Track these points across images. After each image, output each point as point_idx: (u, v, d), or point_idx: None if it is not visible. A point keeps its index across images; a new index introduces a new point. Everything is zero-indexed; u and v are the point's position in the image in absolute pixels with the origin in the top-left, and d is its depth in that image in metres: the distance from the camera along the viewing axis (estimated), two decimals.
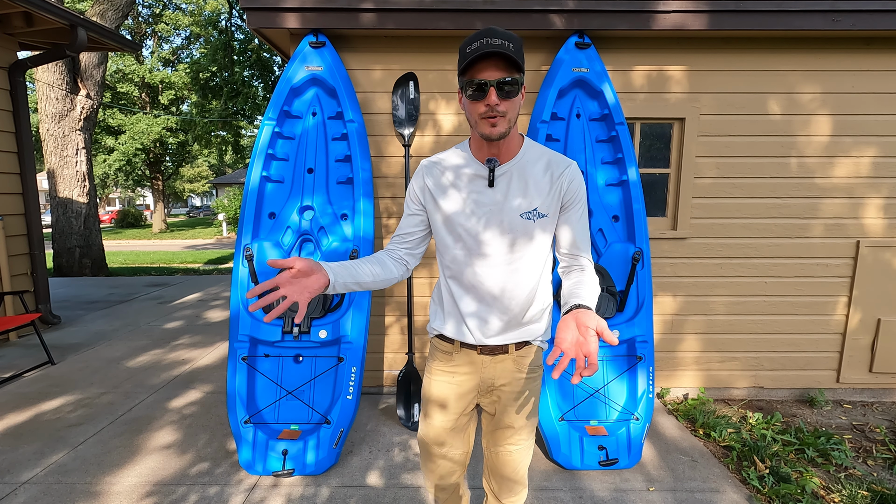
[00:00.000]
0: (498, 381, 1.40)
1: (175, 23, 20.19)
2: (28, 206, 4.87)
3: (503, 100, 1.16)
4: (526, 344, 1.39)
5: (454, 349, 1.41)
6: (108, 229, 24.09)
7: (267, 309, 2.45)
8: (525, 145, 1.32)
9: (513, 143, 1.29)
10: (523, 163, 1.29)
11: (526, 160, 1.30)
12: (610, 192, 2.93)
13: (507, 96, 1.16)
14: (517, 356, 1.39)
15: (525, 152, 1.31)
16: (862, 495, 2.31)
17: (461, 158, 1.34)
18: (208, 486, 2.37)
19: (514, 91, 1.17)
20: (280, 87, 2.83)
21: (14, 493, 2.31)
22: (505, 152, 1.28)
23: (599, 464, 2.50)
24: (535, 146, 1.33)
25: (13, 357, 4.20)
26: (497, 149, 1.26)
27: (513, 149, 1.29)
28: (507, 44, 1.13)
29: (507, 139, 1.25)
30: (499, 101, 1.15)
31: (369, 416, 3.11)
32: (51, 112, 7.73)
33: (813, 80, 3.11)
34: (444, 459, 1.52)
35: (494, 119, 1.18)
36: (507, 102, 1.17)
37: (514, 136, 1.29)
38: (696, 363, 3.42)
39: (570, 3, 2.83)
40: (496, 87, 1.14)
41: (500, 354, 1.38)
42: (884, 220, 3.23)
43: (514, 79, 1.15)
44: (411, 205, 1.40)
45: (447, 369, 1.43)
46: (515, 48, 1.14)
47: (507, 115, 1.18)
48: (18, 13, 4.47)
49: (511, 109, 1.19)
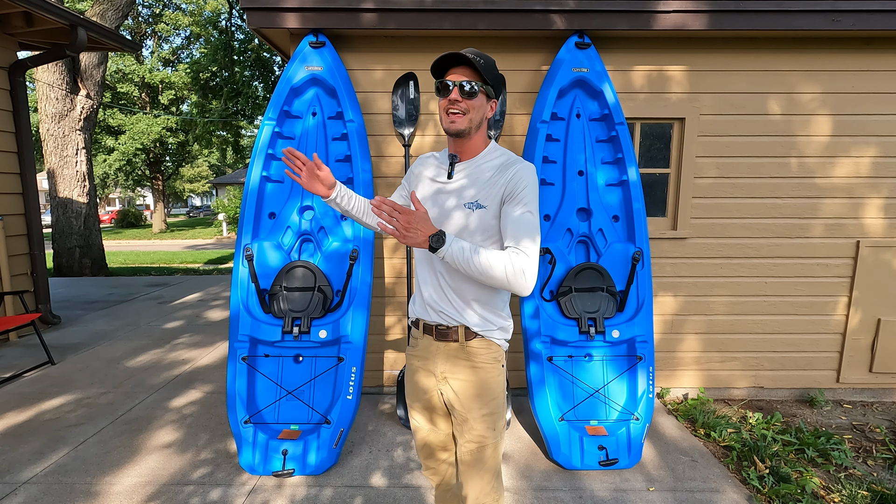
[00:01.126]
0: (449, 370, 1.45)
1: (175, 23, 20.18)
2: (28, 206, 4.88)
3: (464, 98, 1.32)
4: (476, 336, 1.43)
5: (419, 334, 1.53)
6: (108, 229, 24.10)
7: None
8: (489, 148, 1.45)
9: (476, 144, 1.42)
10: (481, 162, 1.42)
11: (485, 160, 1.42)
12: (610, 192, 2.93)
13: (469, 97, 1.32)
14: (468, 347, 1.43)
15: (487, 153, 1.43)
16: (862, 495, 2.31)
17: (442, 158, 1.51)
18: (208, 486, 2.37)
19: (475, 93, 1.33)
20: (280, 87, 2.83)
21: (14, 493, 2.31)
22: (467, 151, 1.42)
23: (599, 464, 2.49)
24: (498, 150, 1.45)
25: (13, 357, 4.20)
26: (461, 146, 1.41)
27: (476, 149, 1.43)
28: (478, 59, 1.31)
29: (470, 140, 1.40)
30: (459, 97, 1.32)
31: (369, 417, 3.11)
32: (51, 112, 7.73)
33: (813, 79, 3.11)
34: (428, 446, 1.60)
35: (455, 115, 1.33)
36: (468, 102, 1.33)
37: (479, 139, 1.42)
38: (696, 363, 3.42)
39: (571, 3, 2.83)
40: (458, 87, 1.32)
41: (452, 343, 1.44)
42: (884, 220, 3.23)
43: (475, 84, 1.32)
44: (403, 183, 1.63)
45: (414, 353, 1.55)
46: (486, 63, 1.32)
47: (468, 115, 1.33)
48: (18, 13, 4.47)
49: (473, 110, 1.34)
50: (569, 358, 2.73)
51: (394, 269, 3.31)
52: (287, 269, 2.72)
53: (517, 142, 3.16)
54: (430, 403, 1.53)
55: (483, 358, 1.44)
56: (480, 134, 1.42)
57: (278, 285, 2.70)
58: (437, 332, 1.46)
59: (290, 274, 2.72)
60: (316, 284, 2.71)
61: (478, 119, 1.36)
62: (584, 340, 2.70)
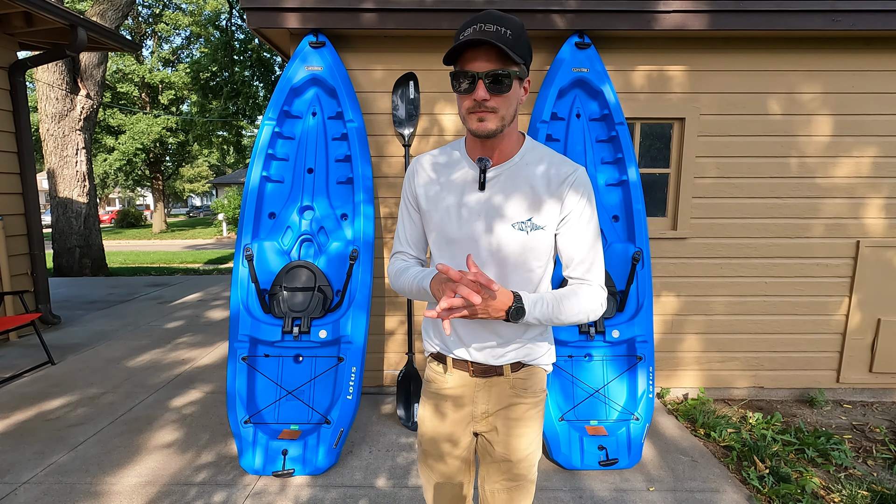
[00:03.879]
0: (493, 406, 1.24)
1: (175, 23, 20.19)
2: (28, 206, 4.87)
3: (494, 95, 1.02)
4: (523, 366, 1.23)
5: (447, 368, 1.26)
6: (108, 229, 24.09)
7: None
8: (525, 146, 1.17)
9: (510, 142, 1.14)
10: (520, 165, 1.14)
11: (524, 163, 1.14)
12: (610, 192, 2.93)
13: (499, 91, 1.02)
14: (514, 378, 1.22)
15: (524, 154, 1.15)
16: (862, 495, 2.31)
17: (453, 157, 1.20)
18: (208, 486, 2.37)
19: (507, 86, 1.02)
20: (280, 87, 2.82)
21: (14, 493, 2.31)
22: (500, 152, 1.13)
23: (599, 464, 2.50)
24: (537, 147, 1.18)
25: (13, 357, 4.20)
26: (490, 148, 1.12)
27: (510, 149, 1.14)
28: (503, 30, 0.99)
29: (502, 138, 1.11)
30: (488, 95, 1.02)
31: (369, 417, 3.11)
32: (51, 112, 7.73)
33: (813, 79, 3.11)
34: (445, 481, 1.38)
35: (483, 113, 1.05)
36: (499, 98, 1.03)
37: (512, 136, 1.14)
38: (696, 363, 3.42)
39: (571, 3, 2.83)
40: (485, 80, 1.01)
41: (495, 376, 1.22)
42: (884, 220, 3.23)
43: (506, 71, 1.01)
44: (411, 210, 1.27)
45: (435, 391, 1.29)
46: (514, 35, 1.00)
47: (498, 112, 1.05)
48: (18, 13, 4.47)
49: (503, 106, 1.04)
50: (569, 358, 2.73)
51: None
52: (287, 269, 2.72)
53: None
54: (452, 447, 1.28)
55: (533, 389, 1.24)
56: (513, 128, 1.13)
57: (278, 285, 2.70)
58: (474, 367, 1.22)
59: (291, 274, 2.72)
60: (316, 284, 2.71)
61: (511, 112, 1.07)
62: (584, 340, 2.70)
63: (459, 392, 1.26)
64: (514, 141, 1.15)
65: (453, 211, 1.16)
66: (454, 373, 1.26)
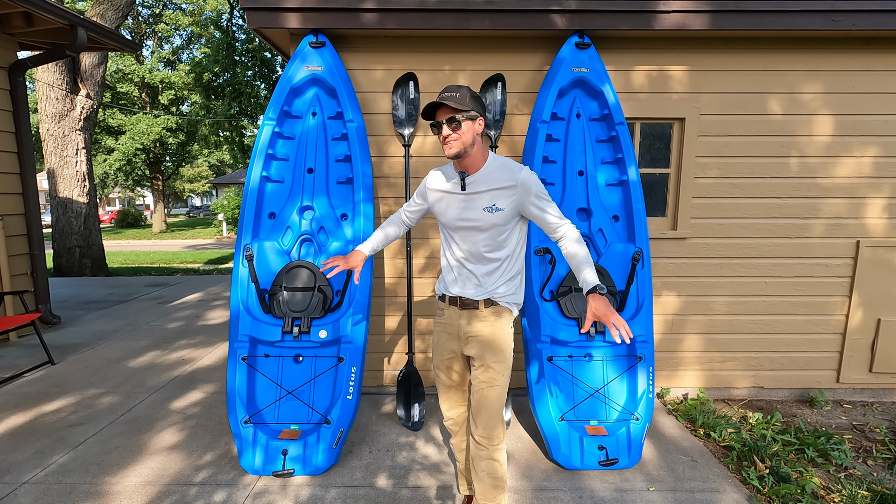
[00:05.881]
0: (472, 330, 1.85)
1: (175, 23, 20.19)
2: (28, 206, 4.88)
3: (453, 130, 1.69)
4: (493, 303, 1.83)
5: (444, 305, 1.94)
6: (108, 229, 24.09)
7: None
8: (489, 160, 1.79)
9: (476, 159, 1.77)
10: (486, 172, 1.78)
11: (489, 171, 1.78)
12: (610, 192, 2.93)
13: (455, 129, 1.69)
14: (486, 311, 1.84)
15: (488, 165, 1.79)
16: (862, 495, 2.31)
17: (447, 171, 1.90)
18: (208, 486, 2.37)
19: (459, 124, 1.68)
20: (280, 87, 2.82)
21: (14, 493, 2.31)
22: (470, 166, 1.77)
23: (599, 464, 2.49)
24: (497, 159, 1.80)
25: (13, 357, 4.20)
26: (465, 164, 1.77)
27: (478, 163, 1.78)
28: (453, 94, 1.67)
29: (470, 157, 1.75)
30: (450, 131, 1.69)
31: (369, 417, 3.11)
32: (51, 112, 7.73)
33: (813, 79, 3.11)
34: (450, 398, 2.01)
35: (448, 143, 1.70)
36: (457, 132, 1.69)
37: (478, 154, 1.77)
38: (697, 363, 3.42)
39: (571, 3, 2.83)
40: (446, 123, 1.69)
41: (473, 309, 1.85)
42: (884, 220, 3.23)
43: (457, 118, 1.67)
44: (417, 197, 2.04)
45: (440, 321, 1.96)
46: (460, 96, 1.67)
47: (460, 139, 1.69)
48: (18, 13, 4.47)
49: (463, 135, 1.69)
50: (569, 358, 2.73)
51: (394, 270, 3.31)
52: (287, 269, 2.72)
53: (517, 142, 3.16)
54: (451, 362, 1.95)
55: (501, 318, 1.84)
56: (477, 149, 1.76)
57: (278, 285, 2.70)
58: (461, 302, 1.86)
59: (291, 274, 2.72)
60: (316, 284, 2.71)
61: (469, 139, 1.71)
62: (584, 340, 2.70)
63: (450, 321, 1.91)
64: (479, 158, 1.79)
65: (449, 202, 1.86)
66: (449, 307, 1.91)
